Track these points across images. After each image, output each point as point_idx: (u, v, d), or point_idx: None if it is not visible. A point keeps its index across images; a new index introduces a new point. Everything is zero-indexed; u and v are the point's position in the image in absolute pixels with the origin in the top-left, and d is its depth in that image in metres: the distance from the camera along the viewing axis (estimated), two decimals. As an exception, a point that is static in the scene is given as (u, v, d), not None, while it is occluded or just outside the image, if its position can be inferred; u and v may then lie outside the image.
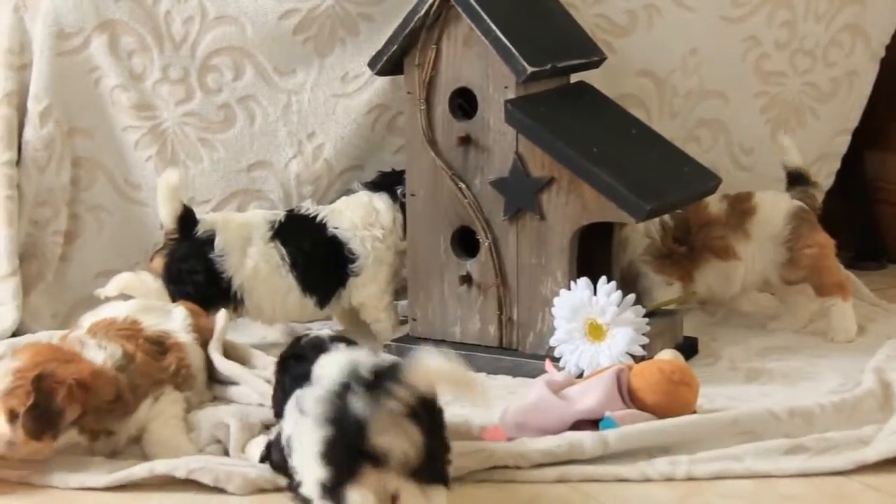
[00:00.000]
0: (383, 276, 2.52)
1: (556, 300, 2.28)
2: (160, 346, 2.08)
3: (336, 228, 2.50)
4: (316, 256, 2.48)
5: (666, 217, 2.50)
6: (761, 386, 2.26)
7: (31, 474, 1.94)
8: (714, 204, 2.52)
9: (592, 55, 2.48)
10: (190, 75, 2.60)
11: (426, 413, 1.65)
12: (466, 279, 2.41)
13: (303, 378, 1.74)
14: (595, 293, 2.24)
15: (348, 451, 1.61)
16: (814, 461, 1.94)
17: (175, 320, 2.15)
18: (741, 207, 2.52)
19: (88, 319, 2.13)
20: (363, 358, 1.68)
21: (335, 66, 2.64)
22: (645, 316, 2.26)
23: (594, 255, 2.39)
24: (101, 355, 1.99)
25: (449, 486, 1.68)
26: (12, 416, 1.89)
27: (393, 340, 2.48)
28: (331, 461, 1.61)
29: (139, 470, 1.91)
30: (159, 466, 1.90)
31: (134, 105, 2.59)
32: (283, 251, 2.46)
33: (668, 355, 2.16)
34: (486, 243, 2.37)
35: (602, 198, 2.25)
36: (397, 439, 1.62)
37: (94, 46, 2.57)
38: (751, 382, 2.29)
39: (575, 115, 2.38)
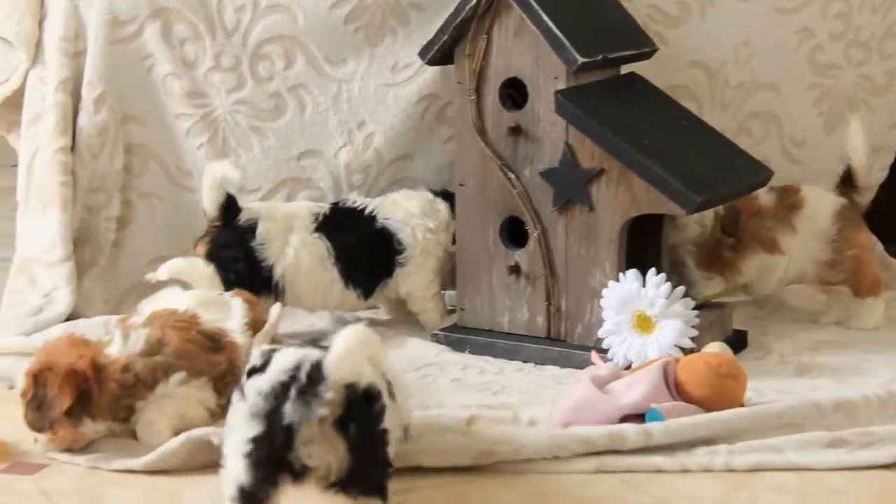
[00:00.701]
0: (430, 267, 2.52)
1: (604, 292, 2.27)
2: (215, 342, 2.07)
3: (387, 219, 2.50)
4: (362, 249, 2.48)
5: (719, 206, 2.48)
6: (811, 380, 2.25)
7: (78, 456, 1.98)
8: (763, 195, 2.50)
9: (644, 46, 2.48)
10: (241, 63, 2.62)
11: (357, 421, 1.62)
12: (515, 269, 2.41)
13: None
14: (644, 285, 2.23)
15: (272, 459, 1.60)
16: (855, 455, 1.93)
17: (234, 318, 2.14)
18: (788, 200, 2.50)
19: (148, 306, 2.14)
20: (311, 356, 1.64)
21: (386, 55, 2.64)
22: (694, 308, 2.25)
23: (643, 246, 2.39)
24: (120, 346, 1.99)
25: (386, 499, 1.66)
26: None
27: (441, 330, 2.48)
28: (255, 466, 1.60)
29: (174, 441, 1.93)
30: (196, 431, 1.92)
31: (186, 93, 2.61)
32: (329, 244, 2.47)
33: (715, 348, 2.14)
34: (535, 234, 2.37)
35: (652, 189, 2.24)
36: (322, 451, 1.61)
37: (147, 34, 2.59)
38: (801, 377, 2.27)
39: (625, 107, 2.37)
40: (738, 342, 2.39)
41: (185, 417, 1.99)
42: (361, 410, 1.63)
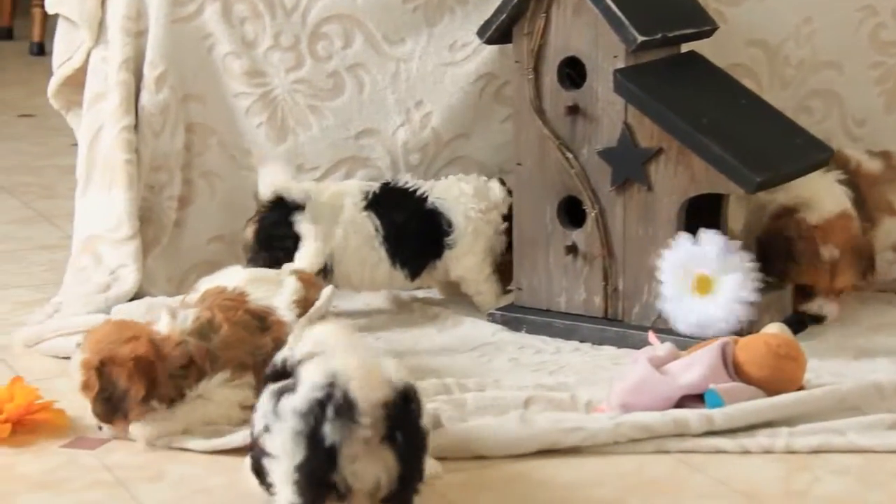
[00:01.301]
0: (480, 248, 2.50)
1: (659, 262, 2.25)
2: (261, 321, 2.06)
3: (439, 199, 2.50)
4: (410, 229, 2.48)
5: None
6: (870, 362, 2.23)
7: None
8: (868, 162, 2.50)
9: (703, 24, 2.46)
10: (300, 43, 2.63)
11: (403, 428, 1.59)
12: (572, 249, 2.40)
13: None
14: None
15: (316, 480, 1.57)
16: (919, 437, 1.91)
17: (283, 295, 2.12)
18: (894, 163, 2.50)
19: (205, 284, 2.16)
20: (343, 372, 1.58)
21: (444, 34, 2.64)
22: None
23: (702, 226, 2.37)
24: (169, 324, 1.99)
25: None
26: None
27: (497, 309, 2.48)
28: (300, 489, 1.58)
29: (236, 438, 1.94)
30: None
31: (245, 72, 2.62)
32: (378, 222, 2.47)
33: (774, 329, 2.13)
34: (593, 214, 2.37)
35: (711, 169, 2.23)
36: (369, 466, 1.58)
37: (207, 14, 2.60)
38: (860, 359, 2.25)
39: (685, 85, 2.36)
40: (797, 323, 2.37)
41: (218, 420, 1.99)
42: (404, 416, 1.60)
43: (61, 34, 2.72)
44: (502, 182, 2.54)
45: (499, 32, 2.41)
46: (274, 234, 2.43)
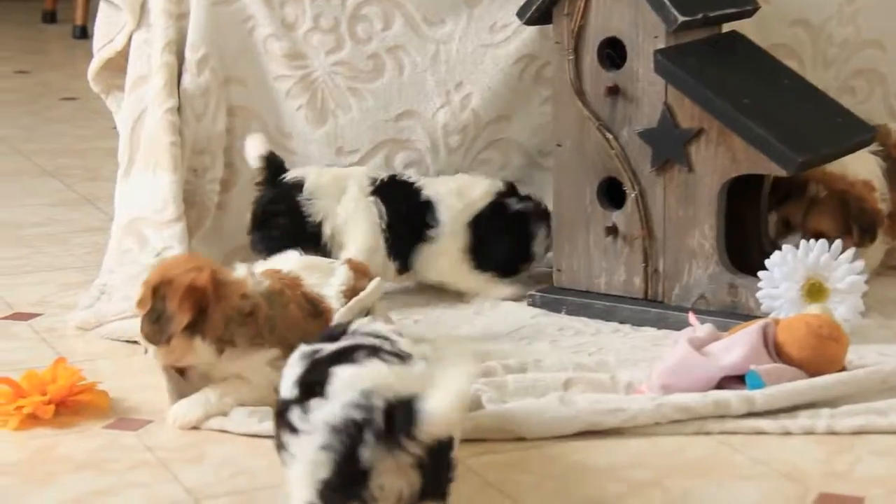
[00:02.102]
0: (456, 247, 2.47)
1: (776, 256, 2.21)
2: (315, 307, 2.07)
3: (432, 192, 2.48)
4: (407, 221, 2.46)
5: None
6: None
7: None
8: None
9: (745, 4, 2.44)
10: (340, 25, 2.63)
11: (433, 459, 1.53)
12: (612, 230, 2.40)
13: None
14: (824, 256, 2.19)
15: (341, 495, 1.51)
16: (961, 418, 1.90)
17: (333, 285, 2.12)
18: None
19: (261, 268, 2.16)
20: (383, 392, 1.50)
21: (484, 15, 2.64)
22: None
23: (742, 207, 2.36)
24: (244, 275, 1.99)
25: (447, 500, 1.58)
26: None
27: (537, 291, 2.48)
28: (322, 496, 1.52)
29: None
30: None
31: (286, 54, 2.63)
32: (383, 209, 2.46)
33: (816, 309, 2.12)
34: (633, 195, 2.36)
35: (752, 150, 2.22)
36: (395, 480, 1.52)
37: (248, -4, 2.61)
38: (904, 340, 2.25)
39: (726, 66, 2.34)
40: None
41: (254, 402, 1.99)
42: (439, 450, 1.53)
43: (103, 17, 2.73)
44: (508, 184, 2.51)
45: (539, 13, 2.40)
46: (269, 211, 2.44)
